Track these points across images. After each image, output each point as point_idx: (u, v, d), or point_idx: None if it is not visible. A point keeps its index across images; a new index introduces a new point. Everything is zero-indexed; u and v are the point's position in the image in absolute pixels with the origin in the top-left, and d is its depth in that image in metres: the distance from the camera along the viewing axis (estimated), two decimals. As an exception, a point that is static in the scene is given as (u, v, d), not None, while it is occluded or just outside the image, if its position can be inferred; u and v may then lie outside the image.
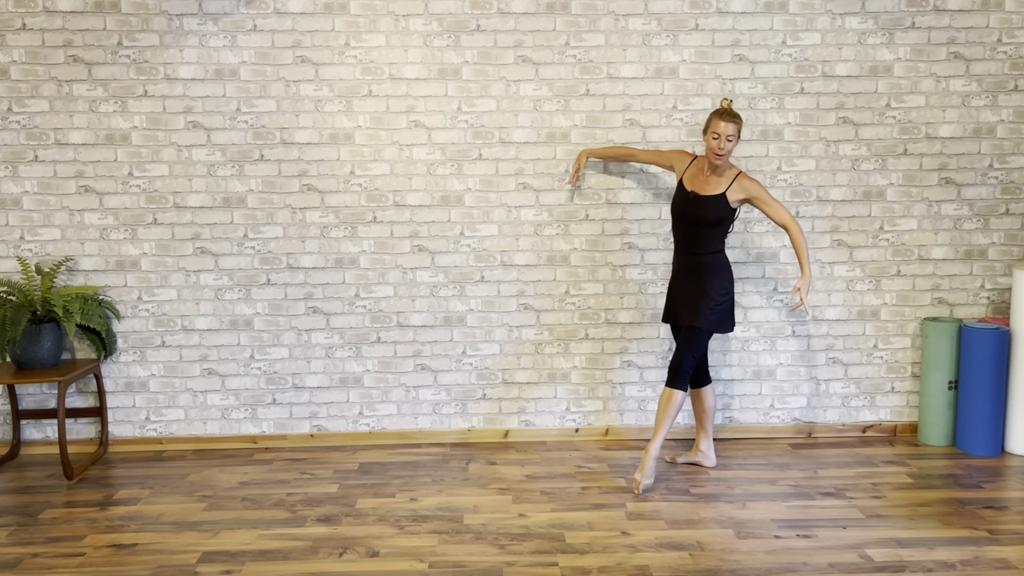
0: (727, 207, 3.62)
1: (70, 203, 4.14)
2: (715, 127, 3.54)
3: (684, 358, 3.63)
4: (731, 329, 3.77)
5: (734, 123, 3.55)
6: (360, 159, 4.18)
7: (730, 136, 3.54)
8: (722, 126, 3.53)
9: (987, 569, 2.91)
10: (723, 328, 3.73)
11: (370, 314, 4.27)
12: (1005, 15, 4.18)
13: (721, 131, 3.54)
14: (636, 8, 4.12)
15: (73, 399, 4.27)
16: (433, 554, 3.06)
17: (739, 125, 3.56)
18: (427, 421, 4.35)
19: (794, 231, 3.59)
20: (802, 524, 3.30)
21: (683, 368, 3.62)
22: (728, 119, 3.54)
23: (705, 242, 3.67)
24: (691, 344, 3.64)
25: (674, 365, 3.64)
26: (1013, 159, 4.28)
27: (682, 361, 3.63)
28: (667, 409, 3.62)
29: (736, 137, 3.56)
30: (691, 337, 3.65)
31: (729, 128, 3.54)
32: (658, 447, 3.62)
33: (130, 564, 3.01)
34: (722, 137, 3.54)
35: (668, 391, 3.63)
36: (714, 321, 3.66)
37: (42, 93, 4.07)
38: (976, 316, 4.38)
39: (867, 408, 4.41)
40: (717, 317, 3.67)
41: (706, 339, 3.67)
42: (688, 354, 3.63)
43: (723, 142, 3.54)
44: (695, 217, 3.65)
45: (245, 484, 3.79)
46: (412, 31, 4.11)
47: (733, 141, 3.56)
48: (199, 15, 4.06)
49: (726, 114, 3.55)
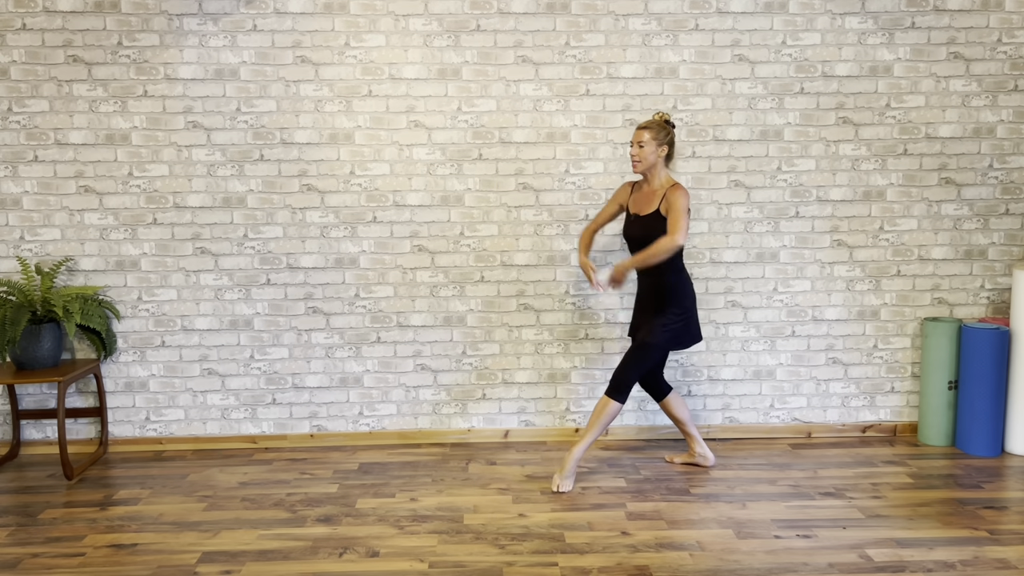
0: (662, 221, 3.55)
1: (70, 203, 4.14)
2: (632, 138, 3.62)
3: (628, 372, 3.57)
4: (688, 345, 3.71)
5: (646, 129, 3.57)
6: (360, 159, 4.18)
7: (641, 143, 3.56)
8: (635, 133, 3.60)
9: (987, 569, 2.91)
10: (677, 345, 3.68)
11: (370, 314, 4.27)
12: (1005, 15, 4.18)
13: (633, 138, 3.60)
14: (636, 8, 4.12)
15: (73, 399, 4.27)
16: (433, 554, 3.06)
17: (653, 131, 3.56)
18: (427, 421, 4.35)
19: (661, 242, 3.47)
20: (802, 524, 3.30)
21: (624, 381, 3.57)
22: (641, 127, 3.59)
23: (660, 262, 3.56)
24: (637, 358, 3.58)
25: (616, 376, 3.59)
26: (1013, 159, 4.28)
27: (625, 374, 3.57)
28: (600, 416, 3.59)
29: (650, 143, 3.55)
30: (639, 351, 3.59)
31: (640, 135, 3.57)
32: (582, 450, 3.62)
33: (130, 564, 3.01)
34: (634, 144, 3.59)
35: (605, 399, 3.59)
36: (666, 339, 3.61)
37: (42, 93, 4.07)
38: (976, 316, 4.38)
39: (867, 408, 4.41)
40: (670, 335, 3.61)
41: (655, 356, 3.61)
42: (632, 368, 3.57)
43: (635, 148, 3.58)
44: (638, 238, 3.63)
45: (245, 484, 3.79)
46: (412, 31, 4.11)
47: (645, 147, 3.56)
48: (199, 15, 4.06)
49: (643, 123, 3.61)
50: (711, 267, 4.29)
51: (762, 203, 4.26)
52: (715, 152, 4.23)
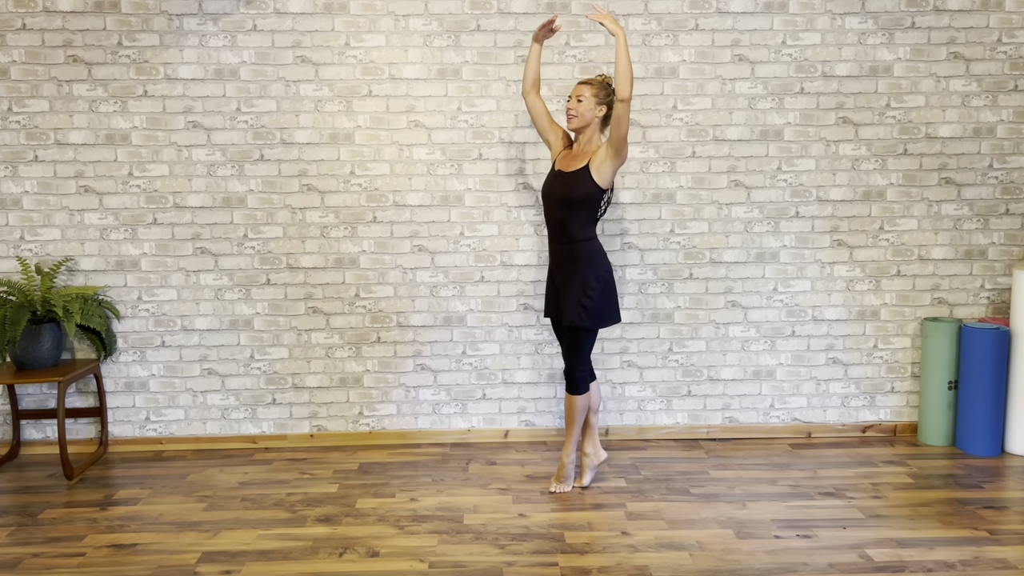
0: (593, 184, 3.40)
1: (70, 203, 4.14)
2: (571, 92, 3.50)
3: (573, 364, 3.53)
4: (619, 319, 3.60)
5: (587, 85, 3.44)
6: (360, 159, 4.17)
7: (581, 97, 3.43)
8: (575, 88, 3.46)
9: (987, 569, 2.91)
10: (607, 321, 3.53)
11: (370, 314, 4.27)
12: (1005, 15, 4.18)
13: (573, 92, 3.47)
14: (636, 8, 4.12)
15: (73, 399, 4.26)
16: (433, 554, 3.06)
17: (594, 88, 3.42)
18: (427, 421, 4.35)
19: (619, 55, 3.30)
20: (802, 524, 3.29)
21: (573, 375, 3.54)
22: (583, 82, 3.46)
23: (575, 228, 3.45)
24: (577, 348, 3.52)
25: (566, 373, 3.57)
26: (1013, 159, 4.28)
27: (573, 369, 3.54)
28: (570, 415, 3.60)
29: (590, 99, 3.42)
30: (575, 341, 3.51)
31: (580, 90, 3.43)
32: (571, 452, 3.64)
33: (130, 564, 3.01)
34: (572, 98, 3.46)
35: (568, 397, 3.60)
36: (594, 318, 3.47)
37: (42, 93, 4.07)
38: (976, 316, 4.38)
39: (867, 408, 4.41)
40: (596, 313, 3.47)
41: (590, 339, 3.54)
42: (575, 359, 3.53)
43: (572, 102, 3.45)
44: (559, 196, 3.45)
45: (245, 484, 3.79)
46: (412, 31, 4.10)
47: (584, 102, 3.42)
48: (199, 15, 4.06)
49: (584, 79, 3.51)
50: (711, 267, 4.29)
51: (762, 203, 4.26)
52: (715, 152, 4.22)
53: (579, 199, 3.43)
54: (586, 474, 3.72)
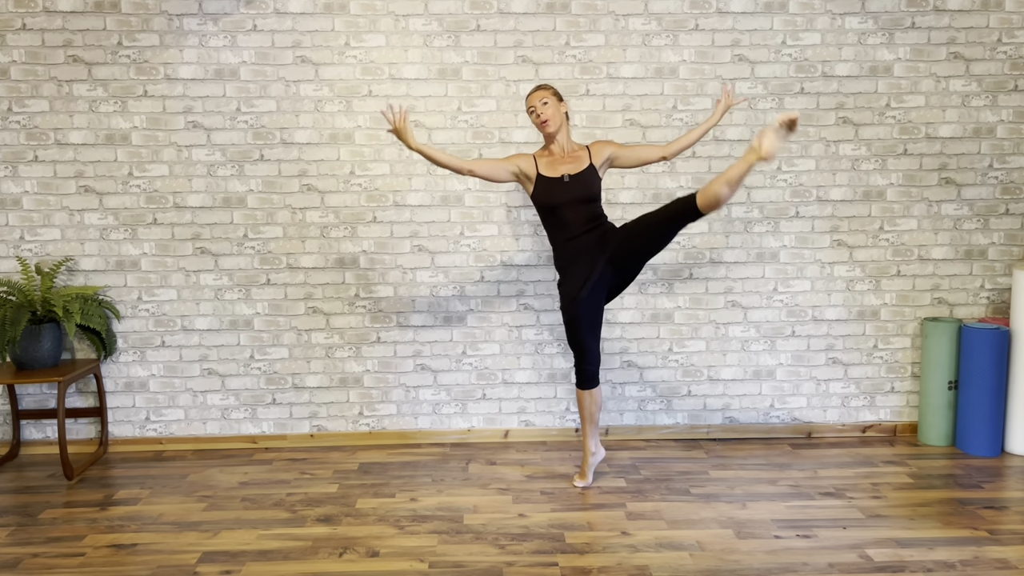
0: (597, 175, 3.54)
1: (70, 203, 4.14)
2: (528, 105, 3.51)
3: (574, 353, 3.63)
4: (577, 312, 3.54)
5: (543, 89, 3.50)
6: (360, 159, 4.18)
7: (545, 101, 3.47)
8: (530, 99, 3.50)
9: (987, 569, 2.91)
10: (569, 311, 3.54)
11: (369, 314, 4.27)
12: (1005, 15, 4.18)
13: (533, 102, 3.49)
14: (636, 8, 4.12)
15: (73, 399, 4.27)
16: (433, 554, 3.06)
17: (550, 90, 3.50)
18: (427, 421, 4.35)
19: (672, 146, 3.61)
20: (802, 524, 3.29)
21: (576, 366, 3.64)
22: (538, 88, 3.51)
23: (599, 210, 3.54)
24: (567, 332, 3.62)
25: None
26: (1013, 159, 4.28)
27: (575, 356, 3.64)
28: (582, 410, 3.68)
29: (552, 99, 3.48)
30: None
31: (541, 95, 3.48)
32: (592, 443, 3.70)
33: (130, 564, 3.01)
34: (536, 107, 3.48)
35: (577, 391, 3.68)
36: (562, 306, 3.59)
37: (42, 93, 4.07)
38: (976, 316, 4.38)
39: (867, 408, 4.41)
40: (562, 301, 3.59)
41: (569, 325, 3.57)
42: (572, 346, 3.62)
43: (539, 110, 3.47)
44: (582, 197, 3.48)
45: (245, 484, 3.79)
46: (412, 31, 4.11)
47: (550, 104, 3.47)
48: (199, 15, 4.06)
49: (536, 86, 3.53)
50: (711, 267, 4.29)
51: (762, 203, 4.26)
52: (715, 152, 4.22)
53: (597, 191, 3.54)
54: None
